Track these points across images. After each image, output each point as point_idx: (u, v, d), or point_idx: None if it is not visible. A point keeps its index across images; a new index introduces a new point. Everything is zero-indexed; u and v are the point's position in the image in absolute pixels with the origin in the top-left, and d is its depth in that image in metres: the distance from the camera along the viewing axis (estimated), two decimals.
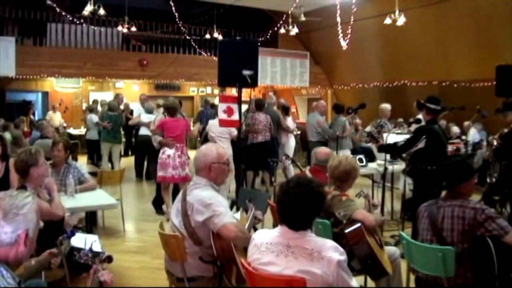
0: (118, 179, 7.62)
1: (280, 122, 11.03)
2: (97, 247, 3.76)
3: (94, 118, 12.12)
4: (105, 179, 7.30)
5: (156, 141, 8.04)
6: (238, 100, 5.69)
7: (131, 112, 13.62)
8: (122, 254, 6.16)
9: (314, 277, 2.67)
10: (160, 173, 7.88)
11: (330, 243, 2.79)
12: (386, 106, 10.49)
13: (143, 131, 10.95)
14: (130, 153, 14.68)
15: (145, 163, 11.55)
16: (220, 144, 8.74)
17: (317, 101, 11.78)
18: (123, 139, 13.62)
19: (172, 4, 14.01)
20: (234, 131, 9.15)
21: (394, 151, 6.99)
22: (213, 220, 3.47)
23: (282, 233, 2.84)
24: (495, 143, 7.37)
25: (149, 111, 11.22)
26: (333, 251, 2.71)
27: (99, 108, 13.55)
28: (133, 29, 15.62)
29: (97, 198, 5.78)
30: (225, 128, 8.98)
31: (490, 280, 3.46)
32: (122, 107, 12.95)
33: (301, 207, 2.75)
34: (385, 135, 7.73)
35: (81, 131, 15.53)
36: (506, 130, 7.35)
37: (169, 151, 7.84)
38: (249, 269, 2.89)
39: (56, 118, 16.33)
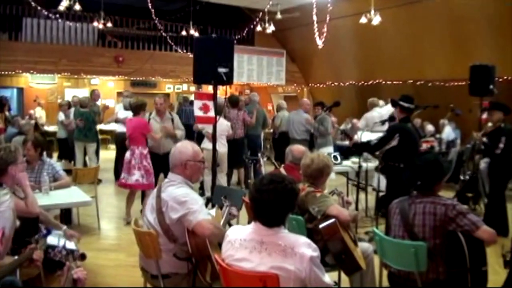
0: (93, 176, 7.57)
1: (266, 120, 11.16)
2: (71, 245, 3.75)
3: (61, 116, 11.77)
4: (79, 176, 7.25)
5: None
6: (214, 97, 5.70)
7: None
8: (97, 252, 6.14)
9: (287, 273, 2.70)
10: None
11: (303, 239, 2.82)
12: None
13: (120, 128, 10.65)
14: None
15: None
16: (221, 142, 8.86)
17: (292, 98, 11.89)
18: None
19: (148, 0, 13.93)
20: (230, 130, 9.19)
21: (367, 149, 7.07)
22: (188, 217, 3.48)
23: (255, 229, 2.87)
24: (484, 139, 7.44)
25: (126, 107, 10.67)
26: (306, 247, 2.74)
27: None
28: (109, 25, 15.48)
29: (72, 195, 5.73)
30: (225, 126, 9.02)
31: (462, 274, 3.53)
32: (99, 103, 12.45)
33: (274, 204, 2.78)
34: (359, 133, 7.82)
35: (56, 128, 15.36)
36: (489, 129, 7.46)
37: (127, 154, 7.71)
38: (223, 265, 2.92)
39: (44, 115, 16.09)
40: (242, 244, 2.87)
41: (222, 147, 8.96)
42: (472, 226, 3.54)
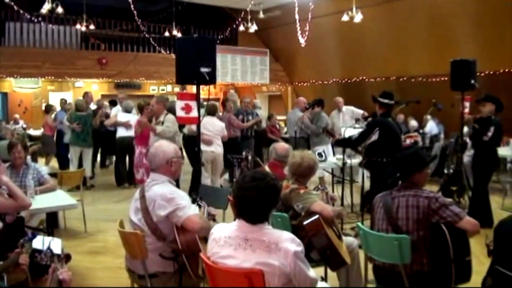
0: (78, 179, 7.56)
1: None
2: (56, 248, 3.75)
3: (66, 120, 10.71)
4: (65, 180, 7.24)
5: None
6: (197, 98, 5.71)
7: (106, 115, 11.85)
8: (84, 255, 6.15)
9: (272, 268, 2.73)
10: None
11: (287, 234, 2.85)
12: None
13: (121, 132, 10.32)
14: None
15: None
16: (217, 143, 8.99)
17: (277, 97, 11.90)
18: None
19: (131, 2, 13.89)
20: (225, 131, 9.24)
21: (349, 144, 7.15)
22: (177, 213, 3.52)
23: (239, 226, 2.89)
24: (475, 126, 7.54)
25: (127, 110, 10.45)
26: (290, 243, 2.77)
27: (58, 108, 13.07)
28: (92, 27, 15.43)
29: (57, 199, 5.69)
30: (219, 127, 9.08)
31: (446, 265, 3.58)
32: (93, 106, 11.85)
33: (257, 201, 2.81)
34: (342, 129, 7.89)
35: (40, 132, 15.24)
36: (478, 116, 7.55)
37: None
38: (209, 263, 2.94)
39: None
40: (227, 241, 2.89)
41: (218, 148, 9.04)
42: (455, 217, 3.60)
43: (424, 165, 3.92)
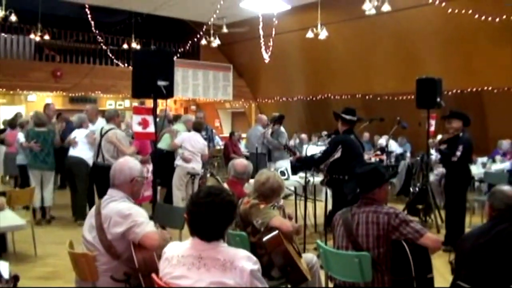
0: (28, 199, 7.27)
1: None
2: (3, 272, 3.56)
3: (21, 137, 9.15)
4: (13, 199, 6.93)
5: None
6: (153, 112, 5.58)
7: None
8: (34, 280, 5.91)
9: None
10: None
11: (243, 252, 2.74)
12: None
13: (72, 151, 8.89)
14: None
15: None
16: (197, 159, 8.93)
17: (240, 114, 11.91)
18: None
19: (88, 12, 13.62)
20: (206, 150, 9.19)
21: (312, 163, 7.05)
22: (134, 230, 3.40)
23: (193, 245, 2.77)
24: (441, 147, 7.30)
25: (76, 125, 9.09)
26: (246, 261, 2.67)
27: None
28: (46, 37, 15.09)
29: (4, 219, 5.46)
30: (202, 145, 9.00)
31: (408, 282, 3.53)
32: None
33: (212, 217, 2.70)
34: (305, 147, 7.84)
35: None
36: (446, 137, 7.35)
37: None
38: (161, 283, 2.81)
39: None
40: (180, 260, 2.77)
41: (198, 165, 9.02)
42: (415, 234, 3.56)
43: (384, 181, 3.88)
